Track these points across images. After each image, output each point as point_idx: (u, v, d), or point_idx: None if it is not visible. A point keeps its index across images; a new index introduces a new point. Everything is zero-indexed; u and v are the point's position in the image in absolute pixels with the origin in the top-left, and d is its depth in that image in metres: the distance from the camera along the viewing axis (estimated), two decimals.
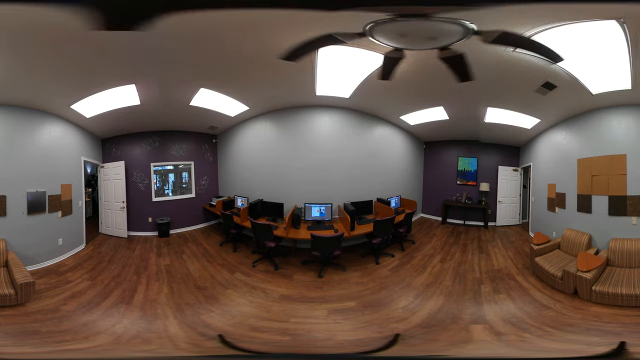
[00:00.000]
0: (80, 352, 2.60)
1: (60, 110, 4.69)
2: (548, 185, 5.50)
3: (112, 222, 6.10)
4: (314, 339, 2.88)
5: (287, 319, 3.22)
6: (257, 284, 3.98)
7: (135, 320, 3.14)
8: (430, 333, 2.94)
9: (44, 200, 4.56)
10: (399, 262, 4.73)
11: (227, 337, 2.81)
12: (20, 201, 4.27)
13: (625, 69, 3.37)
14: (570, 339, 2.78)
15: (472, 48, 2.49)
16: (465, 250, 5.36)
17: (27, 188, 4.35)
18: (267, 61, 3.59)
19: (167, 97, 4.62)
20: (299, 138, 5.67)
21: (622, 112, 4.24)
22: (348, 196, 5.60)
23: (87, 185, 6.65)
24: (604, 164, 4.38)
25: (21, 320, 3.02)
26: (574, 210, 4.77)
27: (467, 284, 4.01)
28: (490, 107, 5.05)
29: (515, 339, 2.81)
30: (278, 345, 2.80)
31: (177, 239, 5.94)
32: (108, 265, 4.59)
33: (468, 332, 2.95)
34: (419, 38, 2.45)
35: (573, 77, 3.68)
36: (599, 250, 4.24)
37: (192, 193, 6.55)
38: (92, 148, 5.81)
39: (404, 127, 6.55)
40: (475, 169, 7.05)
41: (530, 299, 3.59)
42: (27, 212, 4.33)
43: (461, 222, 7.03)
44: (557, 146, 5.30)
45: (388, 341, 2.76)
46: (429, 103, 5.25)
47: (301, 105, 5.54)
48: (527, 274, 4.27)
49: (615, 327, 2.92)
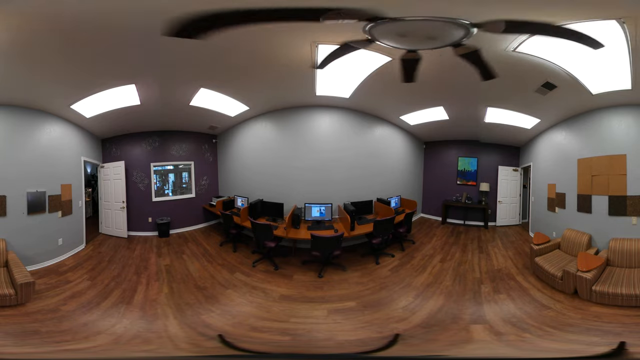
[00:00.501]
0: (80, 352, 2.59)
1: (60, 110, 4.69)
2: (548, 185, 5.49)
3: (112, 222, 6.10)
4: (314, 339, 2.88)
5: (287, 319, 3.22)
6: (257, 284, 3.98)
7: (135, 320, 3.14)
8: (430, 333, 2.94)
9: (44, 200, 4.56)
10: (399, 262, 4.73)
11: (227, 337, 2.81)
12: (20, 201, 4.27)
13: (625, 69, 3.37)
14: (570, 339, 2.78)
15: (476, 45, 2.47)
16: (465, 250, 5.36)
17: (27, 188, 4.35)
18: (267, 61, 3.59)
19: (167, 97, 4.62)
20: (299, 138, 5.67)
21: (622, 112, 4.24)
22: (348, 196, 5.60)
23: (87, 185, 6.65)
24: (604, 164, 4.38)
25: (21, 320, 3.02)
26: (574, 210, 4.77)
27: (467, 284, 4.01)
28: (490, 107, 5.05)
29: (515, 339, 2.80)
30: (278, 345, 2.80)
31: (177, 239, 5.94)
32: (108, 265, 4.59)
33: (468, 332, 2.94)
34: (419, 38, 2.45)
35: (573, 77, 3.68)
36: (599, 250, 4.24)
37: (192, 193, 6.55)
38: (92, 148, 5.81)
39: (404, 127, 6.55)
40: (475, 169, 7.05)
41: (530, 299, 3.58)
42: (27, 212, 4.33)
43: (461, 222, 7.03)
44: (557, 146, 5.30)
45: (388, 341, 2.76)
46: (429, 103, 5.25)
47: (301, 105, 5.54)
48: (527, 274, 4.27)
49: (615, 327, 2.92)
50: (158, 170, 6.24)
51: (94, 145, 5.86)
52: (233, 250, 5.22)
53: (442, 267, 4.58)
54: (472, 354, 2.66)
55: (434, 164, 7.53)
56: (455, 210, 7.13)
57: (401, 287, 3.93)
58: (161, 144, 6.22)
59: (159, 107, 4.95)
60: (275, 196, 5.61)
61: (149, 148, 6.17)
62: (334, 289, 3.88)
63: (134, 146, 6.13)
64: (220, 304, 3.52)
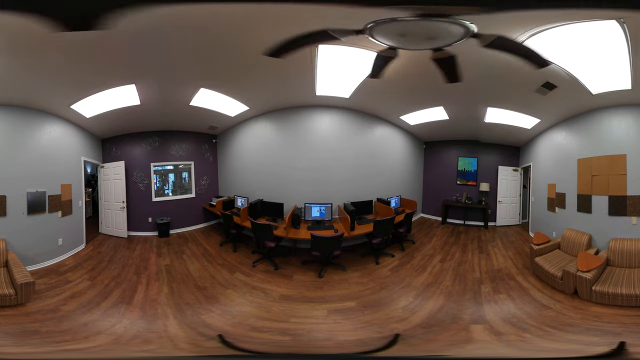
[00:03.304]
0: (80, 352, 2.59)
1: (60, 110, 4.69)
2: (548, 185, 5.49)
3: (112, 222, 6.10)
4: (314, 339, 2.88)
5: (287, 319, 3.22)
6: (257, 284, 3.98)
7: (135, 320, 3.14)
8: (430, 333, 2.94)
9: (44, 200, 4.56)
10: (399, 262, 4.73)
11: (227, 337, 2.81)
12: (20, 201, 4.27)
13: (625, 69, 3.37)
14: (570, 339, 2.78)
15: (471, 49, 2.49)
16: (465, 250, 5.36)
17: (27, 188, 4.35)
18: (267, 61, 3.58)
19: (167, 97, 4.62)
20: (299, 138, 5.67)
21: (622, 112, 4.24)
22: (348, 196, 5.60)
23: (87, 185, 6.65)
24: (604, 164, 4.38)
25: (21, 320, 3.02)
26: (574, 210, 4.77)
27: (467, 284, 4.01)
28: (490, 107, 5.05)
29: (515, 339, 2.80)
30: (278, 345, 2.80)
31: (177, 239, 5.94)
32: (108, 265, 4.59)
33: (468, 332, 2.95)
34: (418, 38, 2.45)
35: (573, 77, 3.68)
36: (599, 250, 4.24)
37: (192, 193, 6.55)
38: (92, 148, 5.81)
39: (404, 127, 6.55)
40: (475, 169, 7.05)
41: (530, 299, 3.58)
42: (27, 212, 4.33)
43: (461, 222, 7.04)
44: (557, 146, 5.30)
45: (388, 341, 2.76)
46: (429, 103, 5.25)
47: (301, 105, 5.54)
48: (527, 274, 4.27)
49: (615, 327, 2.92)
50: (158, 170, 6.24)
51: (94, 145, 5.86)
52: (233, 250, 5.22)
53: (442, 267, 4.58)
54: (472, 354, 2.66)
55: (434, 164, 7.53)
56: (455, 210, 7.13)
57: (401, 287, 3.93)
58: (161, 144, 6.22)
59: (159, 107, 4.95)
60: (275, 196, 5.61)
61: (149, 148, 6.17)
62: (334, 289, 3.88)
63: (134, 146, 6.13)
64: (220, 304, 3.52)
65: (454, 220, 7.13)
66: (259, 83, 4.42)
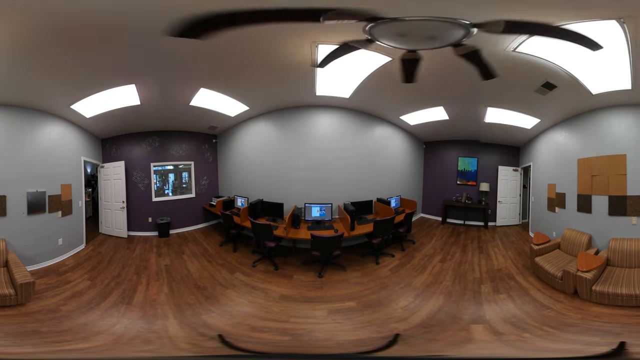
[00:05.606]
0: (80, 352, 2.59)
1: (60, 110, 4.69)
2: (548, 185, 5.50)
3: (112, 222, 6.10)
4: (314, 339, 2.88)
5: (287, 319, 3.21)
6: (257, 284, 3.98)
7: (135, 320, 3.14)
8: (430, 333, 2.94)
9: (44, 200, 4.56)
10: (399, 262, 4.73)
11: (227, 337, 2.81)
12: (20, 201, 4.27)
13: (625, 69, 3.37)
14: (570, 339, 2.78)
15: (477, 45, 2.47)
16: (465, 250, 5.36)
17: (27, 188, 4.35)
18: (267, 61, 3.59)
19: (167, 97, 4.62)
20: (299, 138, 5.67)
21: (622, 112, 4.24)
22: (348, 196, 5.60)
23: (87, 185, 6.65)
24: (604, 164, 4.38)
25: (21, 320, 3.02)
26: (574, 210, 4.77)
27: (467, 284, 4.01)
28: (490, 107, 5.05)
29: (515, 339, 2.80)
30: (278, 345, 2.80)
31: (177, 239, 5.94)
32: (108, 265, 4.59)
33: (468, 332, 2.94)
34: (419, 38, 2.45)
35: (573, 77, 3.68)
36: (599, 250, 4.24)
37: (192, 193, 6.55)
38: (92, 148, 5.81)
39: (404, 127, 6.56)
40: (475, 169, 7.06)
41: (530, 299, 3.58)
42: (27, 212, 4.33)
43: (461, 222, 7.04)
44: (557, 146, 5.30)
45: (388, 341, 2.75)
46: (429, 103, 5.25)
47: (301, 105, 5.54)
48: (527, 274, 4.27)
49: (615, 327, 2.92)
50: (158, 170, 6.25)
51: (94, 145, 5.86)
52: (233, 250, 5.22)
53: (442, 267, 4.58)
54: (472, 354, 2.66)
55: (434, 164, 7.54)
56: (455, 210, 7.13)
57: (401, 287, 3.93)
58: (161, 144, 6.23)
59: (159, 107, 4.95)
60: (275, 196, 5.62)
61: (149, 148, 6.17)
62: (333, 289, 3.88)
63: (134, 146, 6.13)
64: (220, 304, 3.51)
65: (454, 220, 7.13)
66: (259, 83, 4.42)
